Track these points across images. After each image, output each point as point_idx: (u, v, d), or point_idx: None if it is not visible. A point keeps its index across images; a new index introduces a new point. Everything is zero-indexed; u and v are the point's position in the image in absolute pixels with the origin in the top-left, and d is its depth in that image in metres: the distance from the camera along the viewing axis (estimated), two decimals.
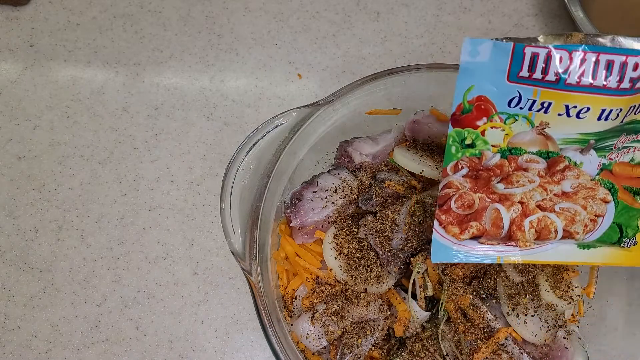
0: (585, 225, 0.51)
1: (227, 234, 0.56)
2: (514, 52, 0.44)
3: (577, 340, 0.61)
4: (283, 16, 0.90)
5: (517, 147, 0.49)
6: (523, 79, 0.45)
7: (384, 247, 0.58)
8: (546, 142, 0.49)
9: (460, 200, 0.50)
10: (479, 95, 0.47)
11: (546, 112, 0.47)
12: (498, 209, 0.50)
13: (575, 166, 0.50)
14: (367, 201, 0.62)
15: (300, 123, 0.61)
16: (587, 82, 0.44)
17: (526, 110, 0.47)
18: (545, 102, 0.46)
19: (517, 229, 0.50)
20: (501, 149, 0.49)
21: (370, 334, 0.56)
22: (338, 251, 0.59)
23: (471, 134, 0.48)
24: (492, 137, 0.49)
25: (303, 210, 0.62)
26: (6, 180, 0.77)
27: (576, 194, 0.50)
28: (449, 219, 0.51)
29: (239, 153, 0.58)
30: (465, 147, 0.49)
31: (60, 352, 0.69)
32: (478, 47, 0.44)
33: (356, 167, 0.67)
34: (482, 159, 0.50)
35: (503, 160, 0.50)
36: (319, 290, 0.59)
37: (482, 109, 0.47)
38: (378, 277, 0.58)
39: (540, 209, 0.50)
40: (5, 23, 0.87)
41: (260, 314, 0.53)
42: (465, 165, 0.50)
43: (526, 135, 0.49)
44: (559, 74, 0.44)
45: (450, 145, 0.49)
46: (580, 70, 0.44)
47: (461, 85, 0.46)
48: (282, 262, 0.62)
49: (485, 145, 0.49)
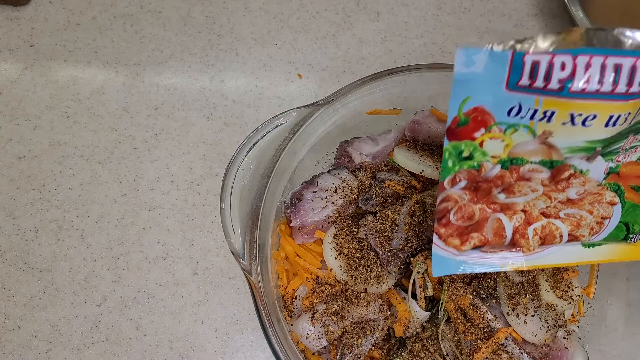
0: (592, 228, 0.50)
1: (227, 234, 0.56)
2: (512, 61, 0.41)
3: (577, 340, 0.61)
4: (283, 16, 0.90)
5: (519, 157, 0.47)
6: (523, 88, 0.43)
7: (384, 247, 0.58)
8: (550, 152, 0.47)
9: (459, 212, 0.48)
10: (475, 107, 0.44)
11: (549, 121, 0.44)
12: (500, 218, 0.48)
13: (581, 174, 0.48)
14: (367, 201, 0.62)
15: (300, 123, 0.61)
16: (594, 89, 0.41)
17: (527, 120, 0.45)
18: (548, 111, 0.44)
19: (521, 237, 0.49)
20: (502, 160, 0.47)
21: (370, 334, 0.56)
22: (338, 251, 0.59)
23: (468, 146, 0.46)
24: (492, 148, 0.46)
25: (303, 210, 0.62)
26: (6, 180, 0.77)
27: (582, 200, 0.49)
28: (448, 231, 0.49)
29: (239, 153, 0.58)
30: (462, 160, 0.46)
31: (60, 352, 0.69)
32: (473, 57, 0.41)
33: (356, 167, 0.67)
34: (481, 170, 0.47)
35: (504, 171, 0.47)
36: (319, 290, 0.59)
37: (479, 120, 0.45)
38: (378, 277, 0.58)
39: (544, 216, 0.49)
40: (5, 23, 0.87)
41: (260, 314, 0.53)
42: (464, 178, 0.47)
43: (528, 145, 0.46)
44: (563, 81, 0.41)
45: (446, 159, 0.46)
46: (585, 76, 0.41)
47: (456, 97, 0.43)
48: (282, 262, 0.62)
49: (484, 157, 0.47)
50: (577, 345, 0.60)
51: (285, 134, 0.60)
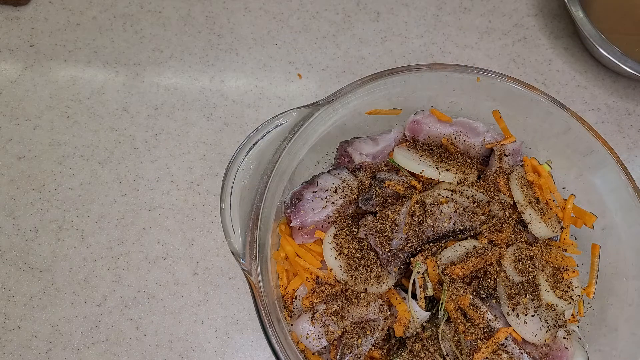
0: None
1: (227, 234, 0.55)
2: None
3: (577, 340, 0.61)
4: (283, 16, 0.90)
5: None
6: None
7: (384, 247, 0.58)
8: None
9: None
10: None
11: None
12: None
13: None
14: (367, 201, 0.61)
15: (300, 123, 0.60)
16: None
17: None
18: None
19: None
20: None
21: (371, 334, 0.56)
22: (338, 251, 0.59)
23: None
24: None
25: (303, 210, 0.62)
26: (6, 180, 0.77)
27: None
28: None
29: (239, 153, 0.58)
30: None
31: (60, 352, 0.69)
32: None
33: (356, 167, 0.67)
34: None
35: None
36: (319, 290, 0.59)
37: None
38: (378, 277, 0.58)
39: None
40: (5, 23, 0.87)
41: (260, 314, 0.53)
42: None
43: None
44: None
45: None
46: None
47: None
48: (282, 262, 0.62)
49: None
50: (577, 346, 0.60)
51: (285, 134, 0.60)
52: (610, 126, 0.84)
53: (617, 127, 0.84)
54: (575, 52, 0.89)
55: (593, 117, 0.84)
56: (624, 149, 0.82)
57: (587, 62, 0.88)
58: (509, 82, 0.64)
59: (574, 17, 0.82)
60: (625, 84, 0.87)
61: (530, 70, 0.88)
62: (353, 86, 0.63)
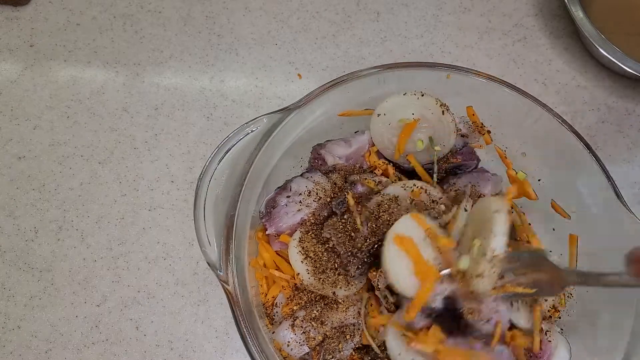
0: None
1: (202, 245, 0.54)
2: None
3: (559, 333, 0.61)
4: (283, 16, 0.90)
5: None
6: None
7: (345, 247, 0.56)
8: None
9: None
10: None
11: None
12: None
13: None
14: (341, 205, 0.60)
15: (272, 129, 0.59)
16: None
17: None
18: None
19: None
20: None
21: (351, 338, 0.56)
22: (304, 255, 0.58)
23: None
24: None
25: (278, 217, 0.60)
26: (6, 180, 0.77)
27: None
28: None
29: (210, 162, 0.57)
30: None
31: (60, 352, 0.69)
32: None
33: (329, 169, 0.65)
34: None
35: None
36: (298, 296, 0.59)
37: None
38: (346, 279, 0.57)
39: None
40: (5, 23, 0.87)
41: (239, 323, 0.52)
42: None
43: None
44: None
45: None
46: None
47: None
48: (260, 270, 0.61)
49: None
50: (560, 337, 0.60)
51: (257, 141, 0.59)
52: (610, 126, 0.84)
53: (617, 127, 0.84)
54: (575, 52, 0.89)
55: (593, 117, 0.84)
56: (624, 149, 0.82)
57: (587, 62, 0.88)
58: (479, 77, 0.63)
59: (573, 17, 0.82)
60: (625, 84, 0.87)
61: (530, 70, 0.88)
62: (322, 89, 0.62)
